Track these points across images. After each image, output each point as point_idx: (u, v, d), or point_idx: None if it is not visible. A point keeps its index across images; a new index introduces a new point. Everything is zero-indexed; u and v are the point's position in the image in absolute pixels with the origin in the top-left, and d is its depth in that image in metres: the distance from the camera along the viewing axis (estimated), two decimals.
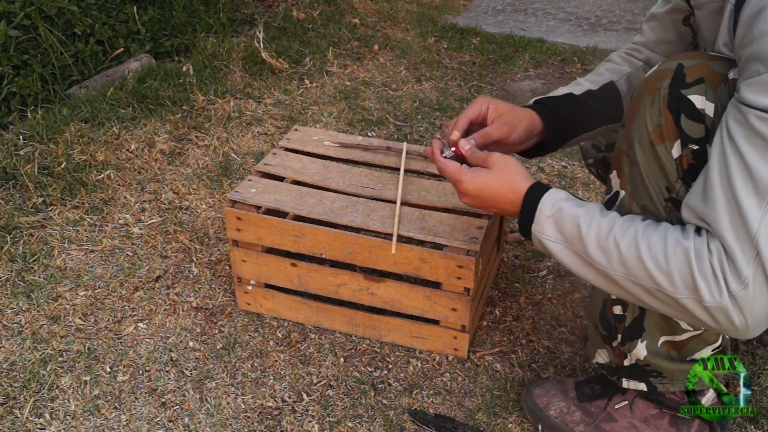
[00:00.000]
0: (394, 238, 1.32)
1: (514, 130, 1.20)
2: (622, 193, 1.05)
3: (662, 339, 1.11)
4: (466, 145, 1.16)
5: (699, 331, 1.09)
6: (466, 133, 1.21)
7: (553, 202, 1.03)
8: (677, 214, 0.99)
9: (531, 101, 1.29)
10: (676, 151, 0.97)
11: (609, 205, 1.08)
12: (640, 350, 1.12)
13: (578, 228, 0.99)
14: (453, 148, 1.18)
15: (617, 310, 1.13)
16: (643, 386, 1.17)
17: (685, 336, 1.09)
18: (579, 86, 1.30)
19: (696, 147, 0.95)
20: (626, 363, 1.16)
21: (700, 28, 1.07)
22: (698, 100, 0.94)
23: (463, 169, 1.11)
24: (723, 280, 0.87)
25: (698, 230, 0.92)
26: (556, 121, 1.27)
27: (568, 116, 1.28)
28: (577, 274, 1.03)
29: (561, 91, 1.29)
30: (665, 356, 1.12)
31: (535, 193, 1.05)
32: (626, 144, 1.02)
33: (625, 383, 1.18)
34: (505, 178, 1.08)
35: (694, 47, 1.17)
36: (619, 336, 1.14)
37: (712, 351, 1.12)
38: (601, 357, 1.21)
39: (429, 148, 1.20)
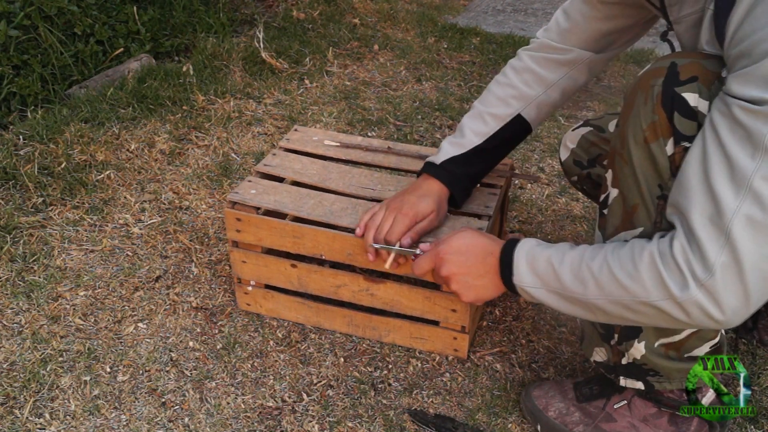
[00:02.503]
0: (391, 257, 1.30)
1: (440, 215, 1.31)
2: (614, 191, 1.05)
3: (660, 341, 1.11)
4: (406, 239, 1.25)
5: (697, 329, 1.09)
6: None
7: (525, 250, 1.07)
8: (652, 214, 1.00)
9: (439, 161, 1.33)
10: (669, 148, 0.97)
11: (603, 205, 1.09)
12: (638, 350, 1.13)
13: (552, 267, 1.03)
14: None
15: None
16: (640, 385, 1.17)
17: (684, 335, 1.10)
18: (485, 125, 1.33)
19: (688, 144, 0.95)
20: (624, 361, 1.16)
21: (682, 43, 1.08)
22: (692, 98, 0.94)
23: (433, 243, 1.20)
24: (688, 270, 0.87)
25: (664, 235, 0.93)
26: (464, 183, 1.34)
27: (475, 171, 1.36)
28: (565, 313, 1.06)
29: (467, 142, 1.33)
30: (663, 356, 1.12)
31: (509, 247, 1.09)
32: (620, 143, 1.03)
33: (623, 381, 1.18)
34: (478, 234, 1.16)
35: None
36: (616, 335, 1.14)
37: (710, 348, 1.13)
38: (599, 355, 1.21)
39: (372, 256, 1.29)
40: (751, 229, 0.83)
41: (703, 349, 1.12)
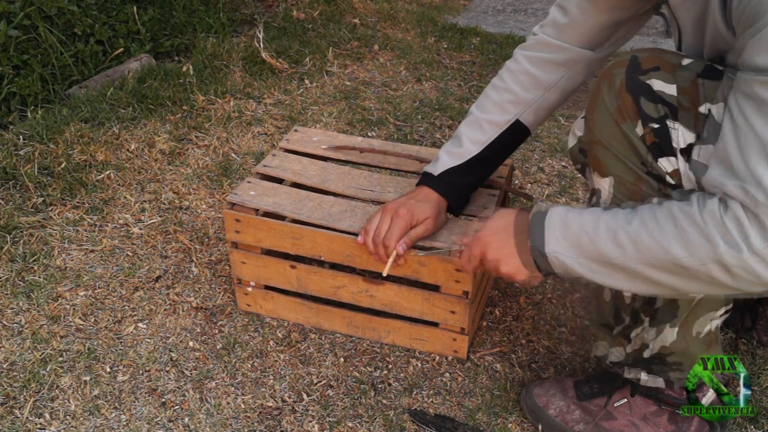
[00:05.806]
0: (388, 264, 1.30)
1: (437, 222, 1.31)
2: (607, 180, 1.06)
3: (696, 324, 1.11)
4: (401, 246, 1.26)
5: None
6: None
7: (557, 219, 1.03)
8: (654, 185, 1.01)
9: (437, 172, 1.32)
10: (639, 130, 1.00)
11: (593, 204, 1.10)
12: (668, 336, 1.11)
13: (587, 233, 0.99)
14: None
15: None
16: (661, 382, 1.16)
17: (721, 311, 1.11)
18: (483, 133, 1.31)
19: (657, 126, 0.99)
20: (646, 354, 1.14)
21: (677, 16, 1.07)
22: (656, 84, 0.99)
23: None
24: (742, 239, 0.86)
25: (701, 198, 0.92)
26: (462, 192, 1.34)
27: (473, 180, 1.35)
28: (602, 284, 1.02)
29: (464, 152, 1.31)
30: (694, 339, 1.12)
31: (538, 216, 1.05)
32: (591, 134, 1.06)
33: (644, 378, 1.17)
34: (513, 212, 1.11)
35: (667, 35, 1.20)
36: (647, 320, 1.12)
37: (725, 311, 1.13)
38: (614, 355, 1.20)
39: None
40: None
41: (716, 316, 1.12)
